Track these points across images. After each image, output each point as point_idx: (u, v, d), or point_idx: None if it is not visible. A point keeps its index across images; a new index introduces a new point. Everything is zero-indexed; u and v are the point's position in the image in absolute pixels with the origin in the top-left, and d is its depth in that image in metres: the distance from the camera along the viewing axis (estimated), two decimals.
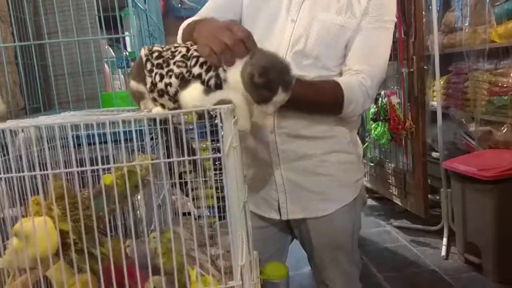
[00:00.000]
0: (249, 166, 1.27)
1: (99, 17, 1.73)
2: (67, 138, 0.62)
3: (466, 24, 2.74)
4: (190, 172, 1.29)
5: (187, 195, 1.68)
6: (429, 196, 3.10)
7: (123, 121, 0.60)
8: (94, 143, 0.66)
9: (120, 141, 0.66)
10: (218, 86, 0.77)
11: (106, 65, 1.91)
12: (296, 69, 1.06)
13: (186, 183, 1.37)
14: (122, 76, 2.07)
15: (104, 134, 0.64)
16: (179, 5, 3.57)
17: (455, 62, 3.00)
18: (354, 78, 1.13)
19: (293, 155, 1.21)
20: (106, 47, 2.04)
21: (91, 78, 1.71)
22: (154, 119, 0.85)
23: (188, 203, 1.71)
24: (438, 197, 3.12)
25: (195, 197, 1.70)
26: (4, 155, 0.63)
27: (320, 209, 1.23)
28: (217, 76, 0.78)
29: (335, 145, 1.22)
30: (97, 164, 0.59)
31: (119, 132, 0.62)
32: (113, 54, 2.21)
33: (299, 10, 1.17)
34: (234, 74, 0.77)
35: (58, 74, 1.73)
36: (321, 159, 1.21)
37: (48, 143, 0.67)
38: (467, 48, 2.78)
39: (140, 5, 1.86)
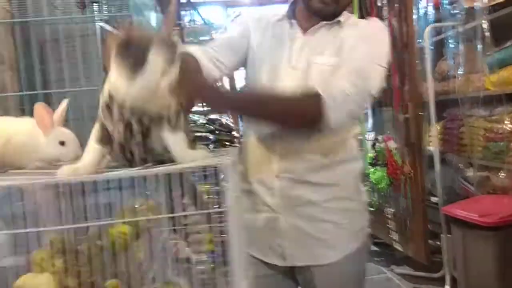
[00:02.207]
0: (253, 211, 1.26)
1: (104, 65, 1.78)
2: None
3: (459, 72, 2.81)
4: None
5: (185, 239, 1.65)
6: (430, 241, 3.05)
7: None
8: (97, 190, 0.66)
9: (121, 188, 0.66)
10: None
11: None
12: None
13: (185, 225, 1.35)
14: None
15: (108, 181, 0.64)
16: None
17: (449, 108, 3.06)
18: (333, 86, 1.09)
19: (298, 201, 1.20)
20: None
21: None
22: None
23: (186, 248, 1.67)
24: (439, 243, 3.07)
25: (192, 242, 1.67)
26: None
27: (325, 256, 1.21)
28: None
29: (340, 192, 1.22)
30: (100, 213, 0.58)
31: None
32: None
33: (298, 57, 1.21)
34: None
35: (76, 118, 1.75)
36: (326, 206, 1.20)
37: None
38: (461, 95, 2.83)
39: None
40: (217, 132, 2.92)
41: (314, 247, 1.21)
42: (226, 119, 3.37)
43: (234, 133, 3.10)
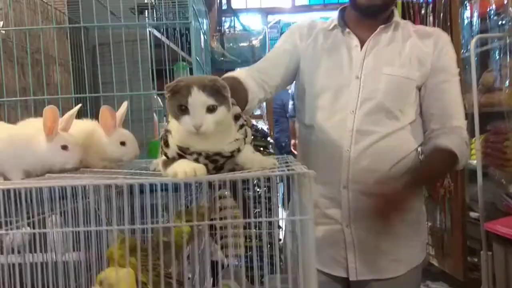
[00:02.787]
0: (317, 223, 1.24)
1: (152, 70, 1.83)
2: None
3: (506, 85, 2.72)
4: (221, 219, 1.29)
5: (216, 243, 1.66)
6: (468, 258, 2.95)
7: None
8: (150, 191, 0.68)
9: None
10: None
11: (154, 114, 1.98)
12: (368, 123, 1.16)
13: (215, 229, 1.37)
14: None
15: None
16: (221, 58, 3.71)
17: (494, 121, 2.95)
18: (455, 136, 1.19)
19: (359, 211, 1.19)
20: (155, 96, 2.12)
21: (140, 126, 1.78)
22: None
23: (218, 252, 1.69)
24: (477, 260, 2.96)
25: (224, 245, 1.68)
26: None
27: (390, 270, 1.20)
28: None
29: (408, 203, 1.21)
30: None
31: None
32: (161, 104, 2.29)
33: (361, 66, 1.20)
34: None
35: None
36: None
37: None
38: (506, 108, 2.74)
39: (198, 59, 1.93)
40: (252, 137, 2.94)
41: (380, 261, 1.20)
42: (262, 125, 3.39)
43: (269, 139, 3.11)
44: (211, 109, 0.73)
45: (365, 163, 1.18)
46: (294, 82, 1.35)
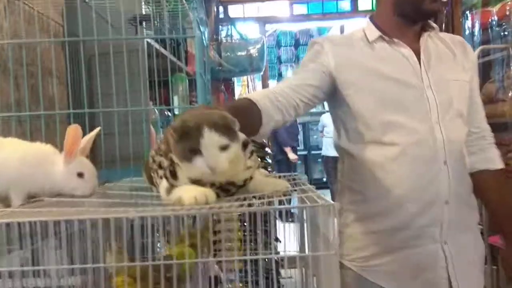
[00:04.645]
0: (406, 246, 1.17)
1: (153, 82, 1.80)
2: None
3: (510, 95, 2.72)
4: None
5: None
6: None
7: None
8: None
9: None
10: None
11: (151, 126, 1.95)
12: (454, 131, 1.17)
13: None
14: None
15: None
16: (218, 68, 3.69)
17: (496, 132, 2.94)
18: (495, 150, 1.33)
19: (462, 227, 1.17)
20: (151, 106, 2.09)
21: (137, 138, 1.74)
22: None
23: (215, 266, 1.66)
24: None
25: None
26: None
27: (480, 283, 1.22)
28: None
29: (477, 213, 1.25)
30: None
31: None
32: (157, 114, 2.26)
33: (427, 75, 1.18)
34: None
35: (107, 133, 1.77)
36: (476, 229, 1.24)
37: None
38: (509, 119, 2.73)
39: (201, 73, 1.91)
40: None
41: (475, 275, 1.21)
42: None
43: (267, 149, 3.08)
44: (224, 148, 0.71)
45: (460, 173, 1.17)
46: (328, 104, 1.31)
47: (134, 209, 0.59)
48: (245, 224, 1.56)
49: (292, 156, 5.68)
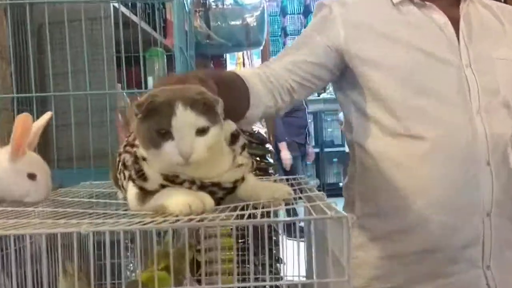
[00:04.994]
0: (439, 275, 1.17)
1: (118, 57, 1.80)
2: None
3: None
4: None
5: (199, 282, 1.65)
6: None
7: None
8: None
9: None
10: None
11: (119, 115, 1.95)
12: (498, 125, 1.13)
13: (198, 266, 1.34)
14: None
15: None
16: (206, 41, 3.67)
17: None
18: None
19: (505, 245, 1.16)
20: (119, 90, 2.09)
21: (100, 131, 1.74)
22: None
23: None
24: None
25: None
26: None
27: None
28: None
29: None
30: None
31: None
32: (127, 99, 2.25)
33: (466, 50, 1.17)
34: None
35: (61, 124, 1.77)
36: None
37: None
38: None
39: (182, 47, 1.90)
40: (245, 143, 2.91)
41: None
42: (258, 128, 3.36)
43: (268, 146, 3.08)
44: (201, 131, 0.71)
45: (505, 177, 1.14)
46: (337, 86, 1.30)
47: (90, 221, 0.59)
48: (240, 241, 1.57)
49: (284, 155, 5.51)
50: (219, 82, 0.87)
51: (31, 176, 0.86)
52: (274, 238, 2.41)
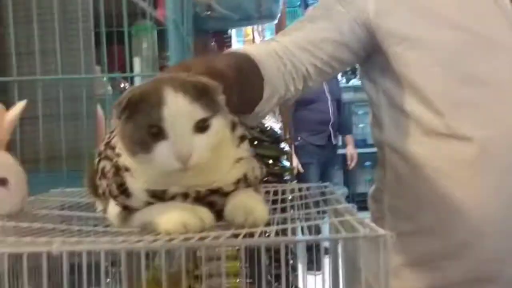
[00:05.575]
0: None
1: (97, 34, 1.81)
2: None
3: None
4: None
5: None
6: None
7: None
8: None
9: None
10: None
11: (99, 106, 1.96)
12: None
13: None
14: None
15: None
16: (207, 13, 3.68)
17: None
18: None
19: None
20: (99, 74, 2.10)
21: (74, 125, 1.75)
22: None
23: None
24: None
25: None
26: None
27: None
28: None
29: None
30: None
31: None
32: (109, 86, 2.27)
33: None
34: None
35: (25, 117, 1.78)
36: None
37: None
38: None
39: (176, 21, 1.91)
40: (255, 142, 2.91)
41: None
42: (271, 122, 3.36)
43: (283, 145, 3.08)
44: (202, 127, 0.71)
45: None
46: (363, 72, 1.32)
47: (63, 240, 0.60)
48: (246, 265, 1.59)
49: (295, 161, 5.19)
50: (236, 71, 0.89)
51: (2, 182, 0.87)
52: (291, 261, 2.43)
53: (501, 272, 1.16)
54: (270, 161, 2.87)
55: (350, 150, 5.89)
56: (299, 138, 5.30)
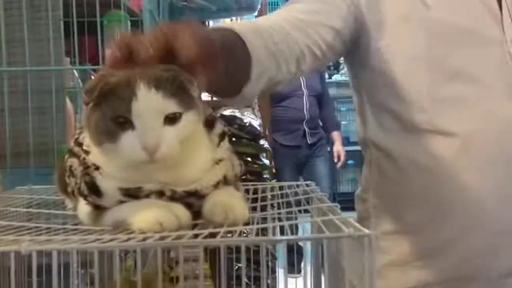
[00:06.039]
0: None
1: (67, 23, 1.80)
2: None
3: None
4: None
5: None
6: None
7: None
8: None
9: None
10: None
11: (67, 99, 1.94)
12: None
13: None
14: None
15: None
16: (183, 3, 3.67)
17: None
18: None
19: None
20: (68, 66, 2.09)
21: (42, 119, 1.74)
22: None
23: None
24: None
25: None
26: None
27: None
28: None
29: None
30: None
31: None
32: (79, 80, 2.25)
33: (511, 22, 1.18)
34: None
35: None
36: None
37: None
38: None
39: (152, 11, 1.90)
40: (233, 139, 2.91)
41: None
42: (250, 118, 3.36)
43: (262, 142, 3.08)
44: (172, 119, 0.71)
45: None
46: (348, 65, 1.32)
47: (31, 238, 0.59)
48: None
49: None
50: (220, 48, 0.87)
51: None
52: (270, 264, 2.42)
53: (486, 270, 1.17)
54: (249, 159, 2.87)
55: (337, 148, 5.57)
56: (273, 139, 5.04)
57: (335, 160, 5.57)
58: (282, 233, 0.68)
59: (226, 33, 1.04)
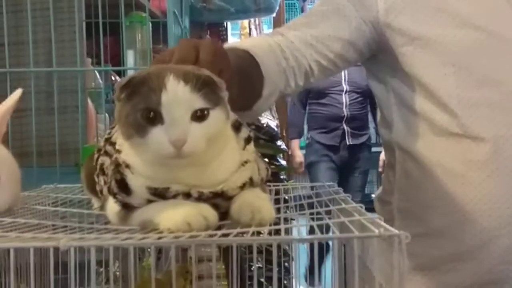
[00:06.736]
0: None
1: (89, 26, 1.81)
2: None
3: None
4: None
5: None
6: None
7: None
8: None
9: None
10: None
11: (89, 99, 1.95)
12: None
13: None
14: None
15: None
16: (202, 4, 3.67)
17: None
18: None
19: None
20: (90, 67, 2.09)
21: (64, 119, 1.75)
22: None
23: None
24: None
25: None
26: None
27: None
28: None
29: None
30: None
31: None
32: (100, 81, 2.26)
33: None
34: None
35: (17, 109, 1.76)
36: None
37: None
38: None
39: (176, 13, 1.91)
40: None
41: None
42: (268, 119, 3.36)
43: (279, 143, 3.09)
44: (199, 116, 0.72)
45: None
46: (370, 70, 1.33)
47: (65, 236, 0.60)
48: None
49: (297, 157, 4.91)
50: (235, 67, 0.89)
51: None
52: (285, 264, 2.42)
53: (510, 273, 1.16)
54: (266, 160, 2.87)
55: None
56: (308, 137, 4.93)
57: (380, 169, 4.85)
58: (311, 233, 0.68)
59: (241, 54, 1.08)
